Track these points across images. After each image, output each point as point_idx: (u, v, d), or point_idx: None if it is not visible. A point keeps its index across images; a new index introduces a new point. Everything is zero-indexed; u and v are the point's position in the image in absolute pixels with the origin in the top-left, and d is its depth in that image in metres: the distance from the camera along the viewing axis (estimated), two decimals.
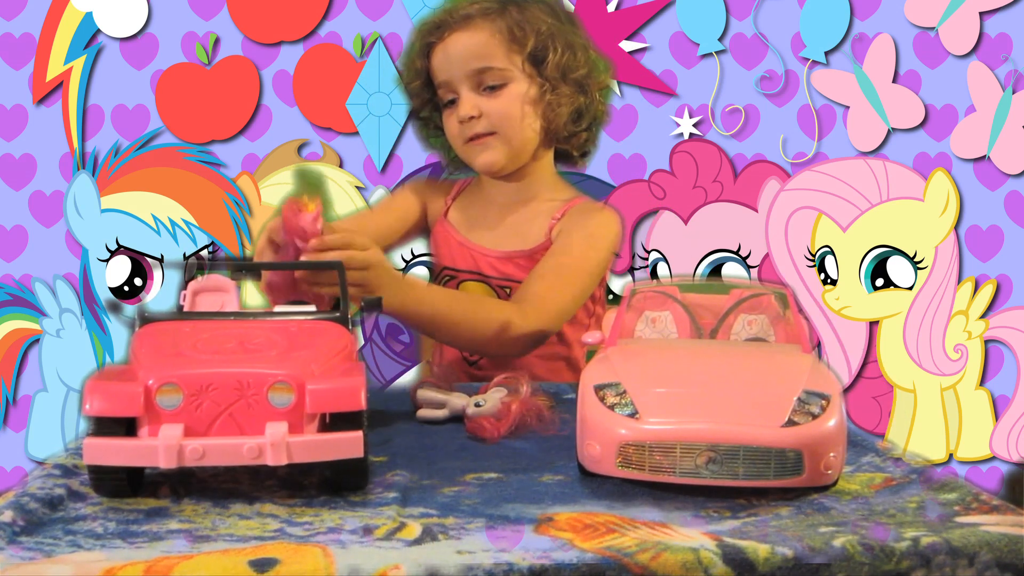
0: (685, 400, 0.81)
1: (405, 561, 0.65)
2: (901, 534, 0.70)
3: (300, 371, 0.78)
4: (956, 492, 0.80)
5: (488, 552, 0.66)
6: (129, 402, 0.75)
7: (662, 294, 0.97)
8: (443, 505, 0.78)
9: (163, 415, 0.76)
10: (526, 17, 1.33)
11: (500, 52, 1.32)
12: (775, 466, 0.78)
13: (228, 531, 0.72)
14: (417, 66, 1.38)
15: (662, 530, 0.72)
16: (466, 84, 1.33)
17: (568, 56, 1.34)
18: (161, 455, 0.74)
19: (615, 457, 0.79)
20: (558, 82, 1.34)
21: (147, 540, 0.70)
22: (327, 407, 0.78)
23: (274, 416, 0.77)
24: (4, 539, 0.69)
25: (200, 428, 0.76)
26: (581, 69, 1.36)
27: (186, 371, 0.77)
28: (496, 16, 1.33)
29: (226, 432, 0.76)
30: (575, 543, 0.69)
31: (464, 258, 1.41)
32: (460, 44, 1.33)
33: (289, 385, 0.77)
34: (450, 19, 1.34)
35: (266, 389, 0.77)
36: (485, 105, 1.33)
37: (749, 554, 0.66)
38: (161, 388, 0.76)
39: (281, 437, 0.75)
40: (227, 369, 0.78)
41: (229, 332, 0.85)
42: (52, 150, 1.87)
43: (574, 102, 1.36)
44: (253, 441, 0.75)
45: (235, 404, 0.76)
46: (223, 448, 0.75)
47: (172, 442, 0.74)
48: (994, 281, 1.93)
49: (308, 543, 0.69)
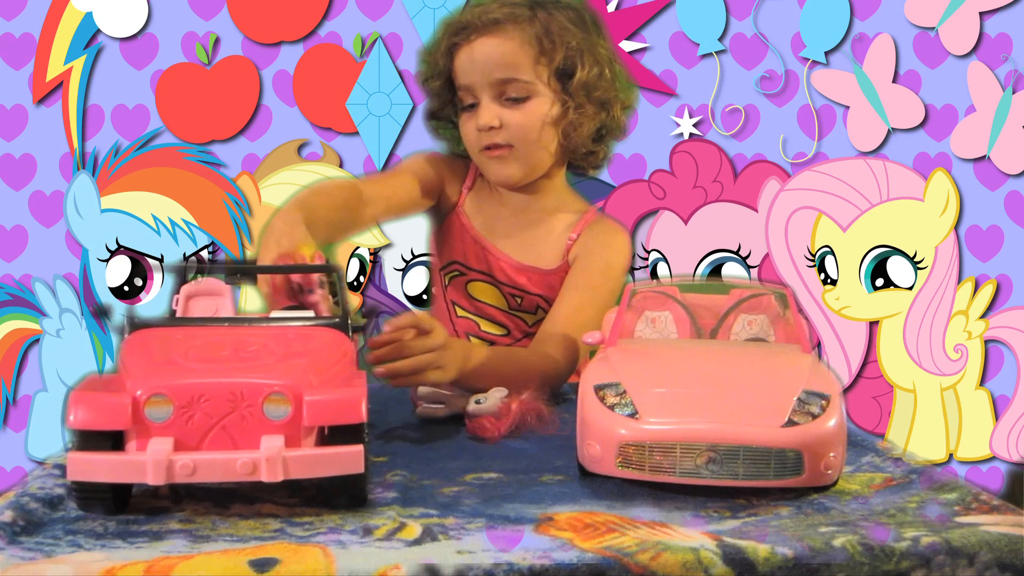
0: (685, 400, 0.81)
1: (405, 561, 0.64)
2: (901, 534, 0.70)
3: (297, 381, 0.74)
4: (956, 492, 0.80)
5: (488, 552, 0.66)
6: (115, 414, 0.71)
7: (662, 294, 0.97)
8: (443, 505, 0.78)
9: (152, 428, 0.71)
10: (555, 28, 1.29)
11: (527, 64, 1.29)
12: (775, 466, 0.78)
13: (228, 531, 0.72)
14: (440, 66, 1.34)
15: (662, 530, 0.72)
16: (488, 92, 1.30)
17: (594, 73, 1.31)
18: (149, 471, 0.70)
19: (615, 457, 0.79)
20: (582, 100, 1.31)
21: (147, 540, 0.70)
22: (326, 419, 0.74)
23: (270, 429, 0.72)
24: (4, 539, 0.69)
25: (191, 442, 0.71)
26: (606, 87, 1.33)
27: (176, 381, 0.73)
28: (526, 24, 1.29)
29: (219, 446, 0.72)
30: (575, 543, 0.69)
31: (478, 257, 1.37)
32: (486, 50, 1.29)
33: (286, 396, 0.73)
34: (478, 22, 1.30)
35: (261, 400, 0.72)
36: (506, 117, 1.30)
37: (749, 554, 0.66)
38: (150, 399, 0.71)
39: (277, 452, 0.71)
40: (220, 379, 0.73)
41: (223, 339, 0.81)
42: (52, 150, 1.87)
43: (596, 121, 1.33)
44: (247, 456, 0.71)
45: (228, 416, 0.72)
46: (215, 463, 0.71)
47: (161, 457, 0.70)
48: (994, 281, 1.93)
49: (308, 543, 0.69)
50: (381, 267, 1.92)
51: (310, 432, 0.74)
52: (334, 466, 0.73)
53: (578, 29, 1.32)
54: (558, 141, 1.32)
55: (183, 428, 0.71)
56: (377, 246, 1.90)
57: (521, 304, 1.36)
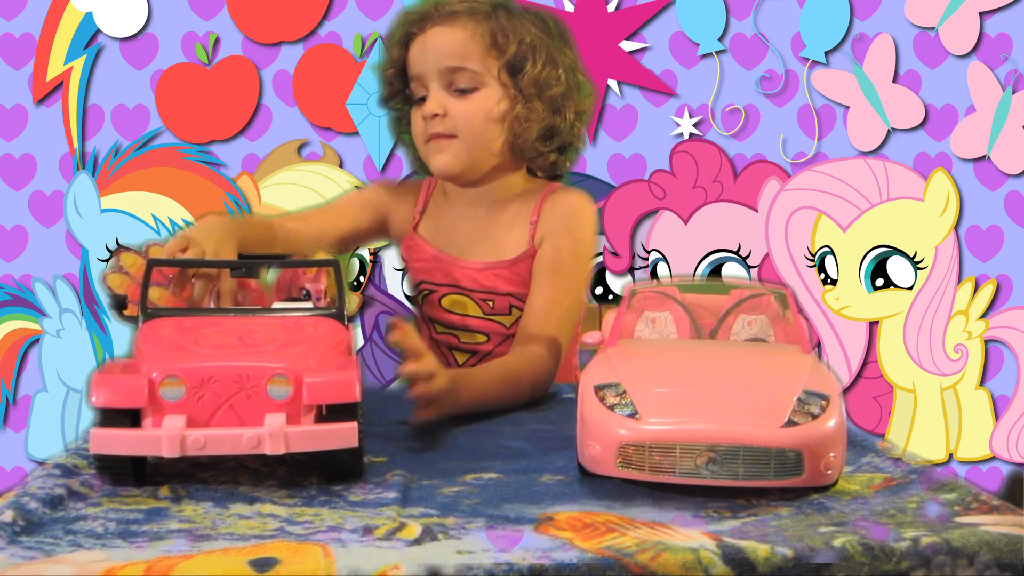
0: (685, 400, 0.81)
1: (405, 561, 0.65)
2: (901, 534, 0.70)
3: (297, 365, 0.81)
4: (956, 492, 0.80)
5: (488, 552, 0.66)
6: (134, 394, 0.78)
7: (662, 294, 0.97)
8: (443, 505, 0.78)
9: (166, 407, 0.78)
10: (512, 24, 1.29)
11: (477, 54, 1.28)
12: (775, 466, 0.78)
13: (228, 530, 0.72)
14: (394, 55, 1.34)
15: (662, 530, 0.72)
16: (437, 81, 1.29)
17: (548, 72, 1.30)
18: (164, 444, 0.77)
19: (615, 457, 0.79)
20: (532, 97, 1.29)
21: (147, 540, 0.70)
22: (323, 399, 0.81)
23: (273, 408, 0.79)
24: (5, 539, 0.69)
25: (202, 419, 0.79)
26: (558, 87, 1.31)
27: (188, 364, 0.80)
28: (482, 18, 1.29)
29: (226, 423, 0.79)
30: (575, 543, 0.69)
31: (443, 272, 1.36)
32: (438, 39, 1.29)
33: (287, 378, 0.80)
34: (435, 12, 1.30)
35: (265, 382, 0.79)
36: (451, 105, 1.29)
37: (749, 554, 0.66)
38: (164, 380, 0.78)
39: (279, 427, 0.78)
40: (227, 363, 0.80)
41: (229, 328, 0.88)
42: (52, 150, 1.87)
43: (545, 120, 1.31)
44: (252, 431, 0.78)
45: (235, 396, 0.79)
46: (223, 438, 0.78)
47: (175, 432, 0.77)
48: (994, 281, 1.93)
49: (308, 542, 0.69)
50: (381, 267, 1.92)
51: (309, 411, 0.81)
52: (331, 440, 0.80)
53: (537, 29, 1.31)
54: (505, 138, 1.30)
55: (194, 407, 0.79)
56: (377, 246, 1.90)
57: (494, 307, 1.34)
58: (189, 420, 0.78)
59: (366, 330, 1.89)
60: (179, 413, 0.78)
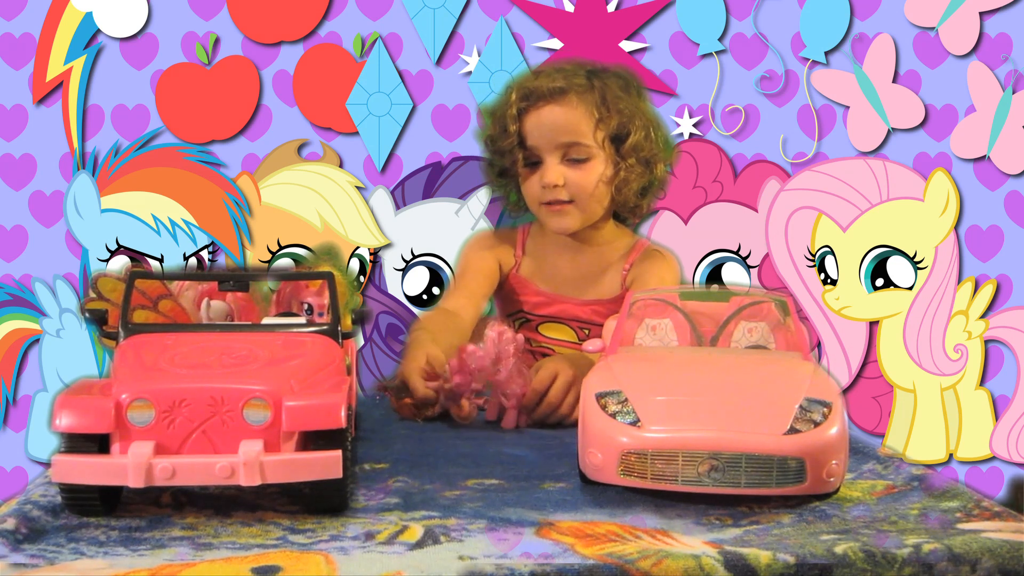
0: (687, 408, 0.81)
1: (407, 567, 0.65)
2: (903, 541, 0.70)
3: (278, 387, 0.75)
4: (958, 499, 0.80)
5: (489, 557, 0.67)
6: (99, 418, 0.72)
7: (662, 301, 0.97)
8: (445, 510, 0.78)
9: (134, 432, 0.73)
10: (610, 97, 1.48)
11: (588, 130, 1.46)
12: (777, 474, 0.78)
13: (230, 539, 0.72)
14: (511, 129, 1.49)
15: (664, 538, 0.72)
16: (553, 153, 1.47)
17: (642, 136, 1.49)
18: (130, 474, 0.71)
19: (617, 465, 0.80)
20: (632, 160, 1.49)
21: (150, 548, 0.70)
22: (305, 425, 0.75)
23: (250, 434, 0.74)
24: (7, 546, 0.69)
25: (173, 445, 0.73)
26: (651, 148, 1.51)
27: (158, 386, 0.74)
28: (586, 93, 1.47)
29: (200, 450, 0.73)
30: (576, 548, 0.69)
31: (543, 306, 1.55)
32: (553, 117, 1.47)
33: (265, 402, 0.74)
34: (544, 90, 1.47)
35: (241, 405, 0.74)
36: (569, 175, 1.47)
37: (751, 560, 0.66)
38: (132, 403, 0.73)
39: (255, 456, 0.72)
40: (201, 384, 0.74)
41: (211, 345, 0.82)
42: (52, 150, 1.87)
43: (642, 178, 1.51)
44: (225, 460, 0.72)
45: (209, 421, 0.73)
46: (194, 467, 0.72)
47: (141, 460, 0.71)
48: (994, 281, 1.93)
49: (310, 551, 0.69)
50: (381, 267, 1.92)
51: (290, 437, 0.75)
52: (312, 471, 0.74)
53: (627, 95, 1.51)
54: (611, 196, 1.50)
55: (164, 432, 0.73)
56: (377, 246, 1.90)
57: (589, 335, 1.50)
58: (159, 447, 0.72)
59: (366, 331, 1.89)
60: (148, 439, 0.72)
